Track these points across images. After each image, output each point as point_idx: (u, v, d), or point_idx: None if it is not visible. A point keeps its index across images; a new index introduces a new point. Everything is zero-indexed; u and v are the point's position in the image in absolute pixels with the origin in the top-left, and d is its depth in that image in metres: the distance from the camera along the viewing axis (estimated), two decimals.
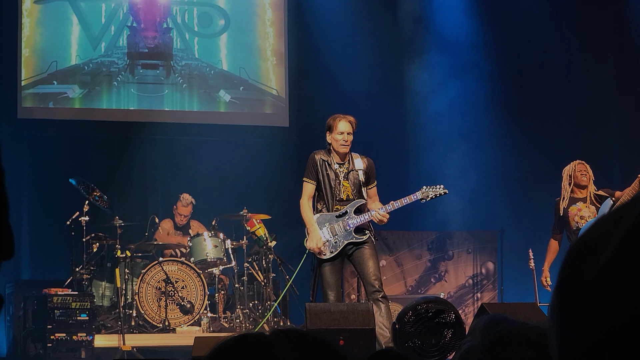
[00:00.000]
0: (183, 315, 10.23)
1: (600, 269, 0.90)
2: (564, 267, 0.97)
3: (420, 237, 12.38)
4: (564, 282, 0.96)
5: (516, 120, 13.31)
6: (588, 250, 0.94)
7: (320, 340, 1.43)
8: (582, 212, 9.31)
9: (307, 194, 8.03)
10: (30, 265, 12.29)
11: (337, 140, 7.95)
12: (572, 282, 0.94)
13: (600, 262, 0.90)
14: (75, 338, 9.51)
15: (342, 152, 7.99)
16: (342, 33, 13.12)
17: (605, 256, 0.90)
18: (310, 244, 7.92)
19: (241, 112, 13.31)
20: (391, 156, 12.92)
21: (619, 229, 0.91)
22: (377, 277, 7.93)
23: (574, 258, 0.96)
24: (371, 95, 13.15)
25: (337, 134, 7.94)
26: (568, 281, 0.95)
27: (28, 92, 12.60)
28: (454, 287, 12.35)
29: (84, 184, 10.75)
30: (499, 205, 13.14)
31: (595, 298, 0.89)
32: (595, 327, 0.88)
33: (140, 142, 12.92)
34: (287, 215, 11.21)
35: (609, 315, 0.87)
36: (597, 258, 0.91)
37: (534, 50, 13.65)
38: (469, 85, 13.38)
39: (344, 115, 8.03)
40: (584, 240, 0.96)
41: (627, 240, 0.89)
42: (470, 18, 13.35)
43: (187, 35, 13.24)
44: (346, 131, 7.94)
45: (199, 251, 10.57)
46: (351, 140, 8.01)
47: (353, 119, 8.03)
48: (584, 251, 0.95)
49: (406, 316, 7.43)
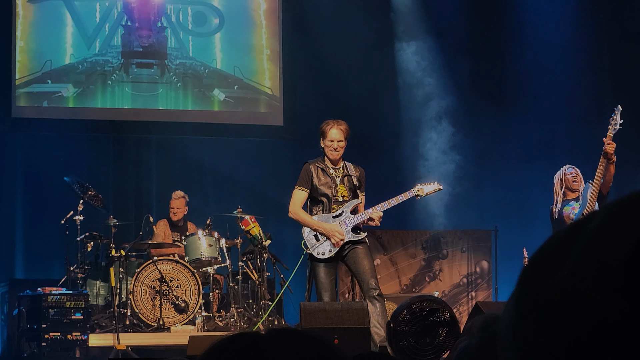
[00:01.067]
0: (177, 314, 10.22)
1: (561, 281, 0.92)
2: (523, 283, 0.99)
3: (414, 236, 12.38)
4: (525, 297, 0.97)
5: (511, 119, 13.34)
6: (547, 265, 0.96)
7: (315, 339, 1.43)
8: (575, 210, 9.33)
9: (297, 201, 8.06)
10: (24, 264, 12.28)
11: (328, 147, 8.02)
12: (534, 296, 0.96)
13: (561, 275, 0.92)
14: (69, 337, 9.50)
15: (333, 158, 8.04)
16: (336, 32, 13.12)
17: (566, 269, 0.92)
18: (334, 240, 7.91)
19: (235, 111, 13.31)
20: (386, 155, 12.93)
21: (577, 243, 0.93)
22: (373, 275, 7.95)
23: (533, 273, 0.98)
24: (365, 93, 13.15)
25: (327, 141, 8.00)
26: (530, 296, 0.96)
27: (22, 91, 12.59)
28: (449, 286, 12.35)
29: (79, 183, 10.74)
30: (493, 204, 13.16)
31: (559, 310, 0.91)
32: (560, 338, 0.90)
33: (134, 141, 12.92)
34: (282, 215, 11.20)
35: (573, 325, 0.89)
36: (558, 271, 0.93)
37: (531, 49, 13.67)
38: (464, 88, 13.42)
39: (335, 121, 8.07)
40: (542, 255, 0.98)
41: (586, 253, 0.92)
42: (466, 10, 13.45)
43: (181, 34, 13.24)
44: (336, 139, 7.99)
45: (194, 250, 10.56)
46: (343, 146, 8.05)
47: (345, 126, 8.05)
48: (543, 266, 0.97)
49: (401, 315, 7.44)
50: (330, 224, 7.94)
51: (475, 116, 13.42)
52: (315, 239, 7.99)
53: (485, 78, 13.59)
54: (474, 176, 13.16)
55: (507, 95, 13.49)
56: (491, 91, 13.54)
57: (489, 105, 13.37)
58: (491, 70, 13.60)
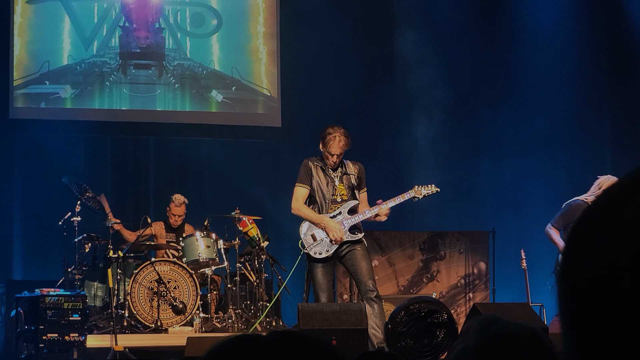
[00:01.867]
0: (175, 316, 10.21)
1: (601, 252, 0.89)
2: (568, 252, 0.96)
3: (412, 237, 12.38)
4: (567, 275, 0.95)
5: (507, 121, 13.36)
6: (593, 230, 0.93)
7: (316, 342, 1.44)
8: None
9: (300, 198, 8.06)
10: (22, 265, 12.28)
11: (328, 158, 8.01)
12: (575, 273, 0.93)
13: (603, 244, 0.90)
14: (67, 338, 9.49)
15: (330, 166, 8.05)
16: (334, 33, 13.13)
17: (608, 238, 0.89)
18: (333, 235, 7.91)
19: (233, 112, 13.31)
20: (383, 156, 12.94)
21: (623, 211, 0.91)
22: (370, 277, 7.96)
23: (576, 240, 0.95)
24: (363, 94, 13.17)
25: (328, 152, 7.99)
26: (571, 271, 0.94)
27: (20, 92, 12.59)
28: (446, 287, 12.36)
29: (76, 184, 10.74)
30: (491, 205, 13.18)
31: (597, 292, 0.89)
32: (609, 326, 0.88)
33: (132, 143, 12.92)
34: (280, 216, 11.21)
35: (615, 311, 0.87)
36: (600, 240, 0.90)
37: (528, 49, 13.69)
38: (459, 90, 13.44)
39: (341, 132, 7.98)
40: (587, 220, 0.95)
41: (631, 223, 0.89)
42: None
43: (179, 35, 13.24)
44: (337, 154, 7.98)
45: (191, 251, 10.56)
46: (341, 156, 8.06)
47: (348, 141, 8.01)
48: (587, 233, 0.94)
49: (398, 316, 7.45)
50: (330, 222, 7.95)
51: (472, 116, 13.45)
52: (312, 238, 7.99)
53: (482, 75, 13.59)
54: (472, 177, 13.17)
55: (504, 94, 13.49)
56: (488, 89, 13.55)
57: (485, 106, 13.40)
58: (487, 67, 13.60)
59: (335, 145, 7.95)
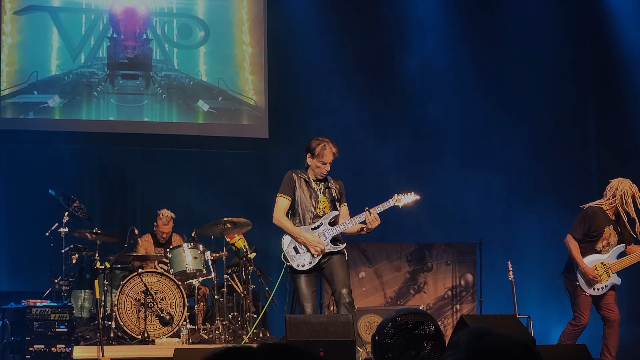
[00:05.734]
0: (162, 327, 10.19)
1: None
2: None
3: (399, 249, 12.39)
4: None
5: (497, 133, 13.41)
6: None
7: (305, 353, 1.44)
8: (610, 238, 9.01)
9: (281, 208, 8.05)
10: (9, 276, 12.24)
11: (319, 168, 7.98)
12: None
13: None
14: (54, 349, 9.47)
15: (320, 177, 8.04)
16: (321, 44, 13.16)
17: None
18: (313, 249, 7.89)
19: (220, 123, 13.30)
20: (368, 166, 12.96)
21: None
22: (345, 285, 7.95)
23: None
24: (351, 105, 13.17)
25: (320, 162, 7.96)
26: None
27: (8, 102, 12.56)
28: (433, 298, 12.37)
29: (64, 195, 10.71)
30: (478, 217, 13.20)
31: None
32: None
33: (119, 153, 12.90)
34: (267, 227, 11.19)
35: None
36: None
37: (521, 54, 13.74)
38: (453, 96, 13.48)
39: (330, 143, 8.01)
40: None
41: None
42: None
43: (166, 46, 13.25)
44: (329, 161, 7.98)
45: (179, 262, 10.54)
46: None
47: (337, 149, 8.03)
48: None
49: (386, 328, 7.44)
50: (308, 235, 7.94)
51: (458, 128, 13.49)
52: (295, 251, 7.99)
53: (470, 88, 13.64)
54: (459, 189, 13.20)
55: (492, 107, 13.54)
56: (477, 103, 13.60)
57: (474, 116, 13.44)
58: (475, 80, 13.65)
59: (328, 153, 7.95)
